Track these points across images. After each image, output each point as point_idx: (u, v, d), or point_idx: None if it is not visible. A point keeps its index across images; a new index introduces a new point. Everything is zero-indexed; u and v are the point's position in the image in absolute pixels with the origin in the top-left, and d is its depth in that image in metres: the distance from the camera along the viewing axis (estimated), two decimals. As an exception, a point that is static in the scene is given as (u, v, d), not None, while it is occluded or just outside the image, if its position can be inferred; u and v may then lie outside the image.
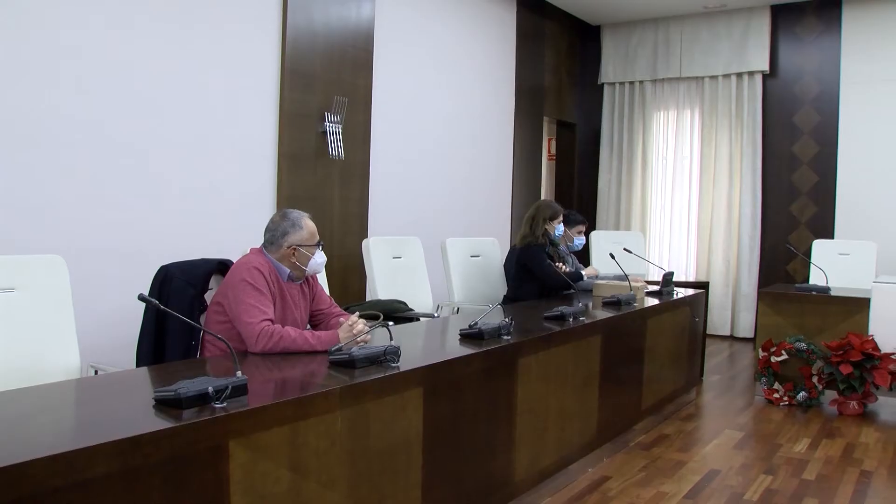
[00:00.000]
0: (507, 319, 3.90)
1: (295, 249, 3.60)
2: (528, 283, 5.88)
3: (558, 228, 6.02)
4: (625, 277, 5.83)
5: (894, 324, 6.18)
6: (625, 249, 6.51)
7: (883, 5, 8.87)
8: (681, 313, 6.15)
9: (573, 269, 6.27)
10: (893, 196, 8.75)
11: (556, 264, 5.96)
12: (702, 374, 7.21)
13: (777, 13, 9.42)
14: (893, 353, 6.08)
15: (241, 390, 2.48)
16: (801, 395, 6.33)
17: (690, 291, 6.61)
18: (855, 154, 9.03)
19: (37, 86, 4.50)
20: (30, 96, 4.47)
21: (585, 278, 6.22)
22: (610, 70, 10.36)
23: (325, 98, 6.35)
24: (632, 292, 5.50)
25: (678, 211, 10.04)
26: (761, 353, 6.49)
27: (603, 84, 10.42)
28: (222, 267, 3.80)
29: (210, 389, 2.36)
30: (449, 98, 7.95)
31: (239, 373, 2.52)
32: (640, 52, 10.15)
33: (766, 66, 9.40)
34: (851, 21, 9.07)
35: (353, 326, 3.37)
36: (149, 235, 5.08)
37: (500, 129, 8.78)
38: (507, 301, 5.83)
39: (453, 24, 7.98)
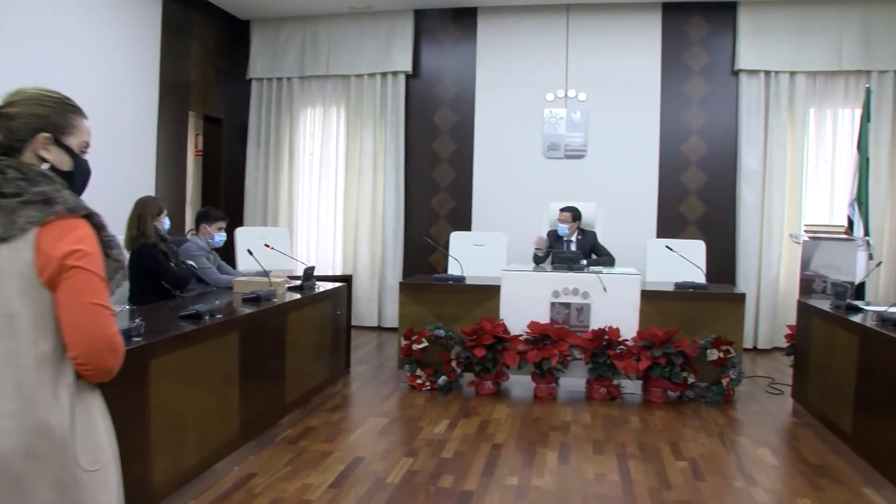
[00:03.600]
0: (137, 321, 3.71)
1: None
2: (148, 283, 5.62)
3: (165, 222, 5.81)
4: (265, 273, 5.79)
5: (521, 308, 6.68)
6: (265, 245, 6.47)
7: (511, 17, 9.58)
8: (322, 307, 6.22)
9: (215, 266, 6.19)
10: (521, 191, 9.48)
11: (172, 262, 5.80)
12: (348, 365, 7.36)
13: (420, 17, 9.83)
14: (521, 335, 6.57)
15: None
16: (442, 379, 6.65)
17: (333, 285, 6.69)
18: (488, 152, 9.68)
19: None
20: None
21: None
22: (258, 65, 10.25)
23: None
24: (272, 288, 5.47)
25: (325, 206, 10.16)
26: (403, 342, 6.74)
27: (251, 79, 10.30)
28: None
29: None
30: (84, 90, 7.33)
31: None
32: (289, 48, 10.14)
33: (409, 67, 9.77)
34: (485, 29, 9.69)
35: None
36: None
37: (142, 123, 8.37)
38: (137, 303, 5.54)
39: (90, 11, 7.48)
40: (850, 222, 8.07)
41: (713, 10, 9.28)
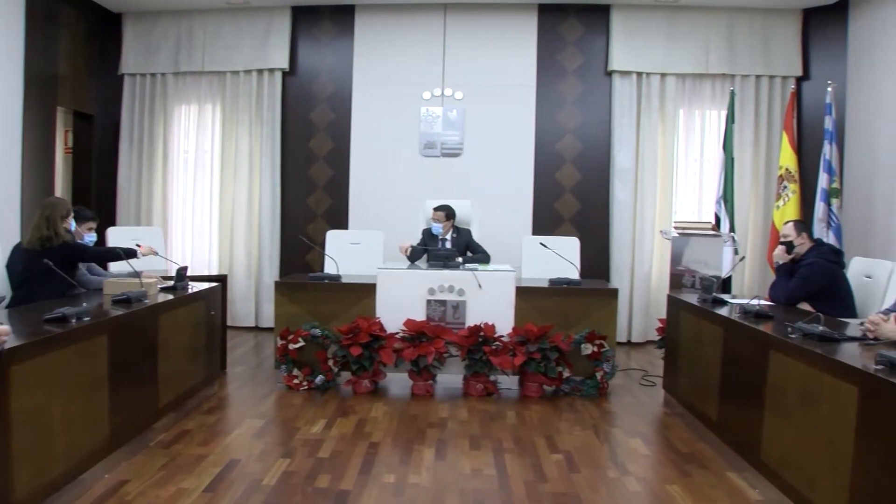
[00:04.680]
0: (-7, 325, 3.58)
1: None
2: (53, 283, 5.45)
3: (73, 224, 5.82)
4: (136, 274, 5.66)
5: (397, 306, 6.73)
6: (136, 245, 6.31)
7: (389, 15, 9.63)
8: (196, 307, 6.11)
9: (86, 267, 6.08)
10: (397, 189, 9.53)
11: None
12: (224, 367, 7.29)
13: (297, 14, 9.75)
14: (397, 333, 6.60)
15: None
16: (319, 378, 6.64)
17: (207, 285, 6.58)
18: (365, 150, 9.69)
19: None
20: None
21: (140, 255, 6.11)
22: (131, 60, 9.96)
23: None
24: (143, 289, 5.35)
25: (200, 205, 9.98)
26: (279, 342, 6.70)
27: (123, 74, 10.00)
28: None
29: None
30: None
31: None
32: (163, 43, 9.89)
33: (286, 65, 9.68)
34: (363, 27, 9.69)
35: None
36: None
37: (4, 119, 8.01)
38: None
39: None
40: (718, 219, 8.42)
41: (587, 13, 9.52)
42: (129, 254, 5.98)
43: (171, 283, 6.01)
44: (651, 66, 9.42)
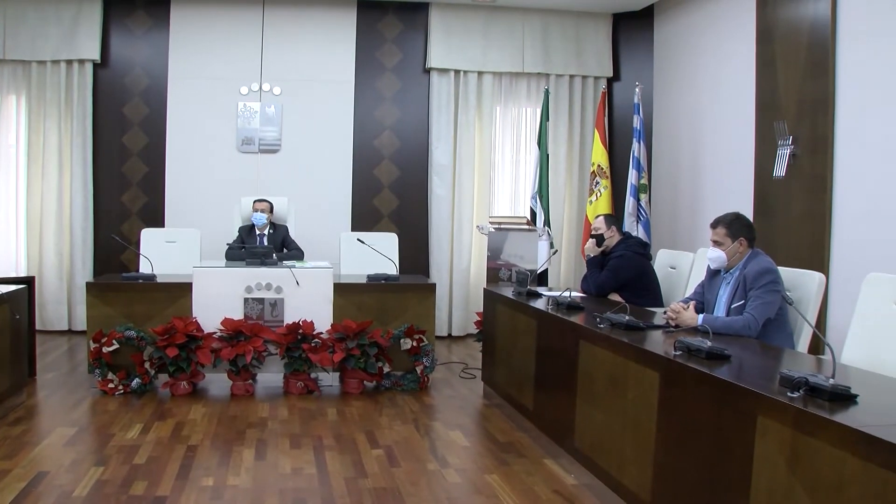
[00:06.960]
0: None
1: None
2: None
3: None
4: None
5: (214, 305, 6.66)
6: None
7: (206, 7, 9.43)
8: (0, 312, 5.85)
9: None
10: (214, 186, 9.37)
11: None
12: (33, 374, 6.99)
13: (109, 3, 9.38)
14: (215, 332, 6.53)
15: None
16: (135, 381, 6.48)
17: (11, 287, 6.28)
18: (181, 146, 9.45)
19: None
20: None
21: None
22: (-80, 46, 9.31)
23: None
24: (-63, 295, 5.10)
25: (5, 203, 9.44)
26: (93, 345, 6.49)
27: (-75, 64, 9.35)
28: None
29: None
30: None
31: None
32: (-43, 28, 9.30)
33: (97, 56, 9.30)
34: (178, 19, 9.45)
35: None
36: None
37: None
38: None
39: None
40: (533, 214, 8.73)
41: (406, 10, 9.66)
42: None
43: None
44: (468, 65, 9.65)
